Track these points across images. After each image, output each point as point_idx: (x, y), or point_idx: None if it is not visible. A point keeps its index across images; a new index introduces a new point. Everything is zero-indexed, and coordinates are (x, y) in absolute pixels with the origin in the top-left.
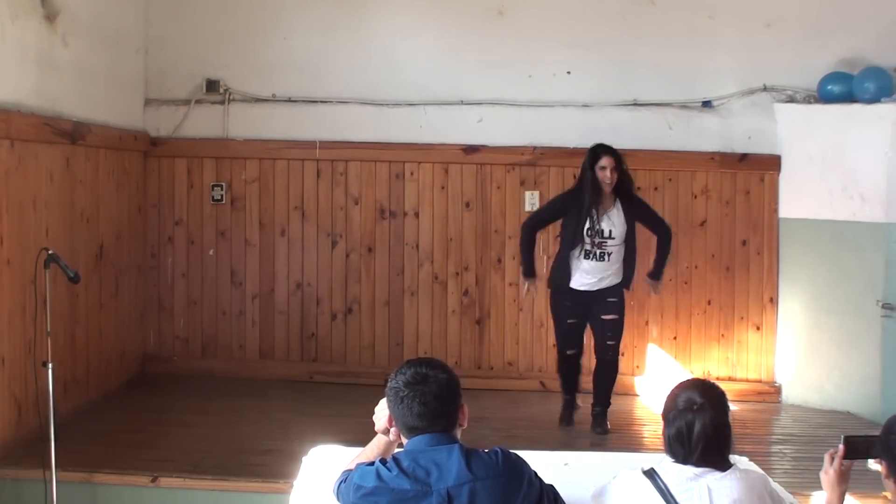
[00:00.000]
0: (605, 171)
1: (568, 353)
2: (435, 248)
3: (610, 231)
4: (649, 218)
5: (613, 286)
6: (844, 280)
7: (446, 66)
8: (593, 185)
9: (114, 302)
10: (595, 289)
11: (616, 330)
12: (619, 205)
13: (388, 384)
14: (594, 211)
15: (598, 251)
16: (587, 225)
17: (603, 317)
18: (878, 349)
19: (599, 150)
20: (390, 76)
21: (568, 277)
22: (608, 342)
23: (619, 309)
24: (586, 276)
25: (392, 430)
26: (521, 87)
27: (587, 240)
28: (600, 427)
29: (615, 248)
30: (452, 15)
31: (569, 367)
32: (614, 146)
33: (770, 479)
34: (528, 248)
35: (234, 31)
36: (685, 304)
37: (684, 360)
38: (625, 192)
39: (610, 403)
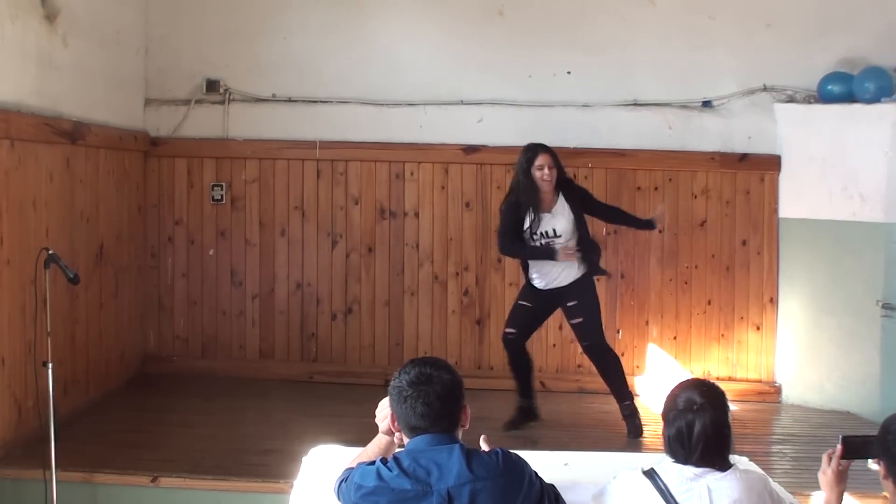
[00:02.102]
0: (542, 171)
1: (506, 330)
2: (435, 248)
3: (554, 230)
4: (594, 205)
5: (571, 285)
6: (844, 280)
7: (446, 66)
8: (530, 186)
9: (114, 302)
10: (550, 287)
11: (586, 332)
12: (561, 198)
13: (392, 383)
14: (534, 213)
15: (559, 239)
16: (530, 227)
17: (572, 322)
18: (878, 349)
19: (537, 149)
20: (390, 76)
21: (527, 274)
22: (584, 343)
23: (583, 309)
24: (538, 275)
25: (396, 435)
26: (521, 87)
27: (534, 242)
28: (632, 432)
29: (563, 244)
30: (452, 15)
31: (510, 353)
32: (614, 146)
33: (770, 480)
34: (522, 247)
35: (234, 31)
36: (685, 304)
37: (684, 360)
38: (565, 184)
39: (630, 397)
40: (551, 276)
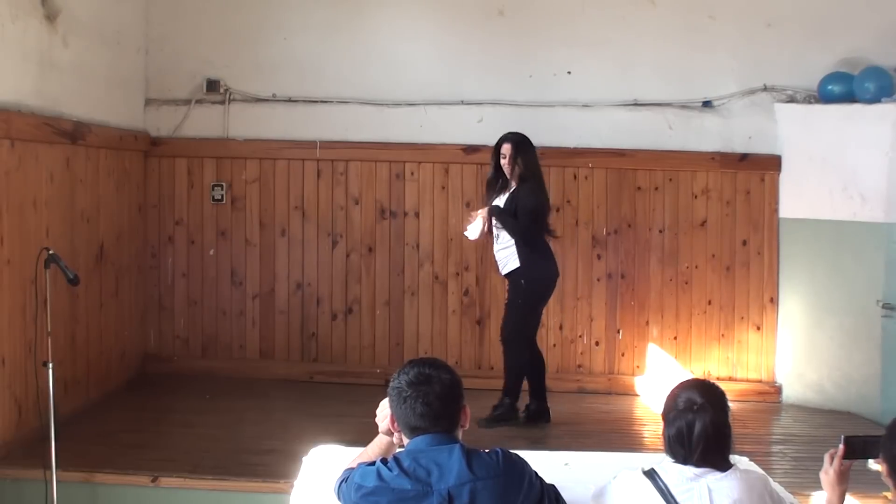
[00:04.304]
0: (504, 159)
1: None
2: (435, 248)
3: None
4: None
5: (509, 273)
6: (844, 280)
7: (446, 66)
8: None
9: (114, 302)
10: (502, 273)
11: (505, 317)
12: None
13: (391, 383)
14: (494, 195)
15: (494, 231)
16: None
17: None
18: (878, 349)
19: (500, 139)
20: (390, 76)
21: None
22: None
23: (509, 296)
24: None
25: (396, 434)
26: (521, 87)
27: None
28: (489, 419)
29: (499, 229)
30: (453, 15)
31: None
32: (614, 146)
33: (770, 480)
34: None
35: (234, 31)
36: (685, 304)
37: (684, 360)
38: (520, 179)
39: (505, 394)
40: (497, 257)
